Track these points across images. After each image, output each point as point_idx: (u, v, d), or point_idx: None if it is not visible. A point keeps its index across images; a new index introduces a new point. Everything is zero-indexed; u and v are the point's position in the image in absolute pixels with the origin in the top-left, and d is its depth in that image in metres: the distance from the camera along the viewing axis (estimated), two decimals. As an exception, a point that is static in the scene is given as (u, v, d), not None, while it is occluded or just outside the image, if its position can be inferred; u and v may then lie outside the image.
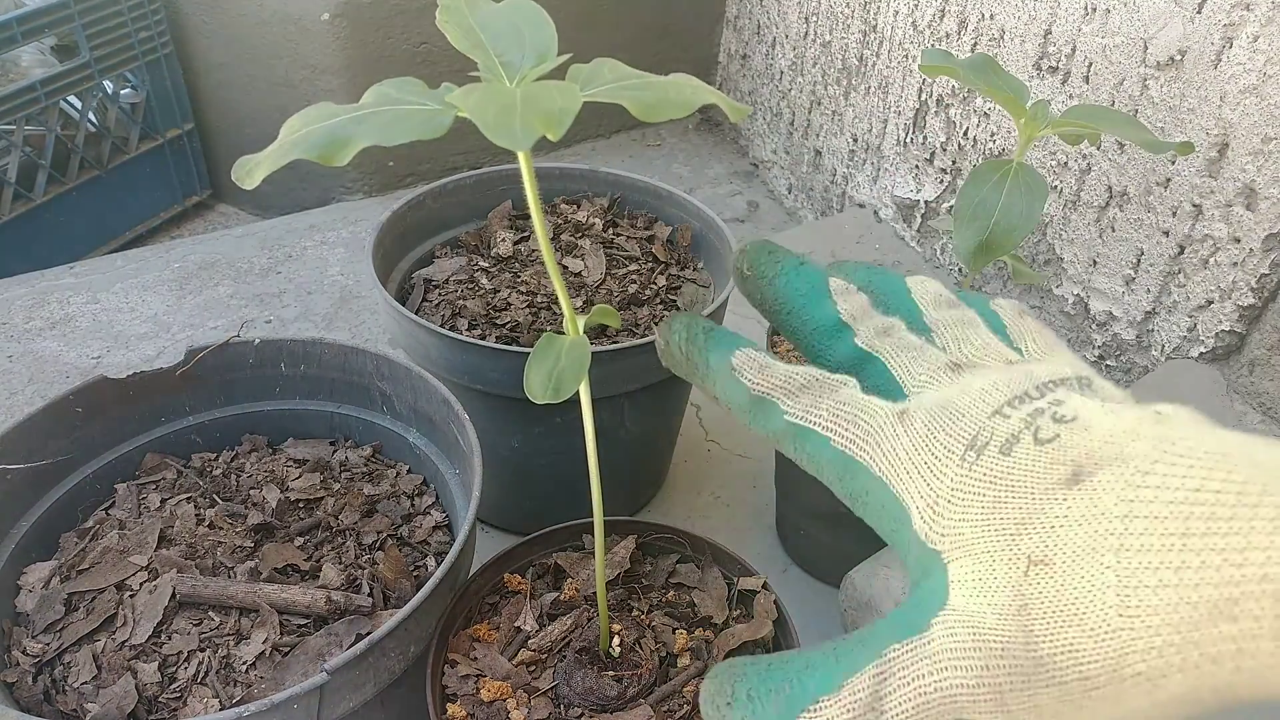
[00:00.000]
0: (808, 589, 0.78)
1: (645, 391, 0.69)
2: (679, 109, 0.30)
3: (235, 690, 0.49)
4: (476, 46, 0.32)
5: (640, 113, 0.30)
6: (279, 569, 0.55)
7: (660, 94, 0.31)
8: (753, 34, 1.44)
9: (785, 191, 1.43)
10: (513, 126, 0.26)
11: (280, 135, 0.29)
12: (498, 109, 0.27)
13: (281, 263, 1.16)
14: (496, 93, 0.29)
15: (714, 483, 0.88)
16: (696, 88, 0.32)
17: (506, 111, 0.27)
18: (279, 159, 0.28)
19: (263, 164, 0.29)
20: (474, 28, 0.33)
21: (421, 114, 0.29)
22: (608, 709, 0.48)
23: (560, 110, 0.27)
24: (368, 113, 0.29)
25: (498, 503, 0.79)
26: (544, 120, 0.27)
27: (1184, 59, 0.78)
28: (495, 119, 0.27)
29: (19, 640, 0.51)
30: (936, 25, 1.05)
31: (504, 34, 0.33)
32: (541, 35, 0.33)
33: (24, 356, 0.98)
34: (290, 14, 1.24)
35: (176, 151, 1.39)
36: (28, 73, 1.22)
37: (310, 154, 0.28)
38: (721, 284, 0.76)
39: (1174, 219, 0.82)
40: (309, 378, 0.66)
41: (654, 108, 0.30)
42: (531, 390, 0.36)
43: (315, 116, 0.30)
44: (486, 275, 0.76)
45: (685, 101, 0.31)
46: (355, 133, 0.28)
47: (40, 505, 0.57)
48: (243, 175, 0.29)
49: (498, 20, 0.33)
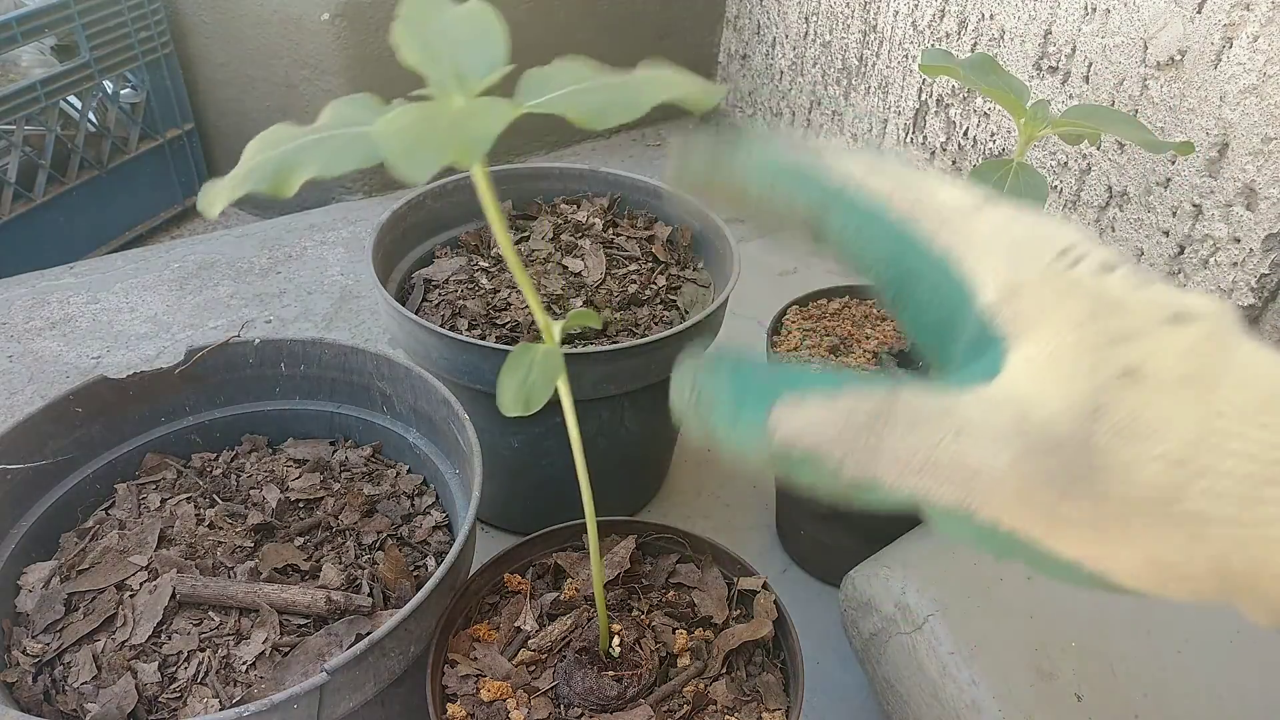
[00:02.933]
0: (808, 589, 0.78)
1: (645, 391, 0.69)
2: (627, 112, 0.28)
3: (235, 690, 0.49)
4: (431, 60, 0.30)
5: (583, 121, 0.28)
6: (279, 569, 0.55)
7: (606, 97, 0.29)
8: (753, 34, 1.44)
9: (785, 191, 1.43)
10: (409, 156, 0.25)
11: (241, 160, 0.28)
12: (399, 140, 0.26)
13: (281, 263, 1.16)
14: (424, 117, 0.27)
15: (714, 483, 0.88)
16: (660, 83, 0.29)
17: (407, 142, 0.26)
18: (235, 191, 0.27)
19: (221, 195, 0.28)
20: (431, 39, 0.31)
21: (362, 143, 0.28)
22: (608, 709, 0.48)
23: (475, 136, 0.25)
24: (316, 139, 0.28)
25: (498, 503, 0.79)
26: (459, 148, 0.25)
27: (1184, 59, 0.78)
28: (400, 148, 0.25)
29: (19, 640, 0.51)
30: (936, 25, 1.05)
31: (464, 42, 0.31)
32: (492, 45, 0.31)
33: (24, 356, 0.98)
34: (290, 14, 1.24)
35: (176, 151, 1.39)
36: (28, 73, 1.22)
37: (261, 187, 0.27)
38: (721, 284, 0.76)
39: (1174, 219, 0.83)
40: (309, 378, 0.66)
41: (598, 114, 0.28)
42: (503, 403, 0.35)
43: (270, 142, 0.28)
44: (486, 275, 0.76)
45: (633, 103, 0.28)
46: (298, 162, 0.27)
47: (40, 505, 0.57)
48: (205, 205, 0.28)
49: (458, 28, 0.31)
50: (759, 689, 0.51)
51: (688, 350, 0.26)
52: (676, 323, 0.73)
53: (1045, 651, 0.54)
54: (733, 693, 0.50)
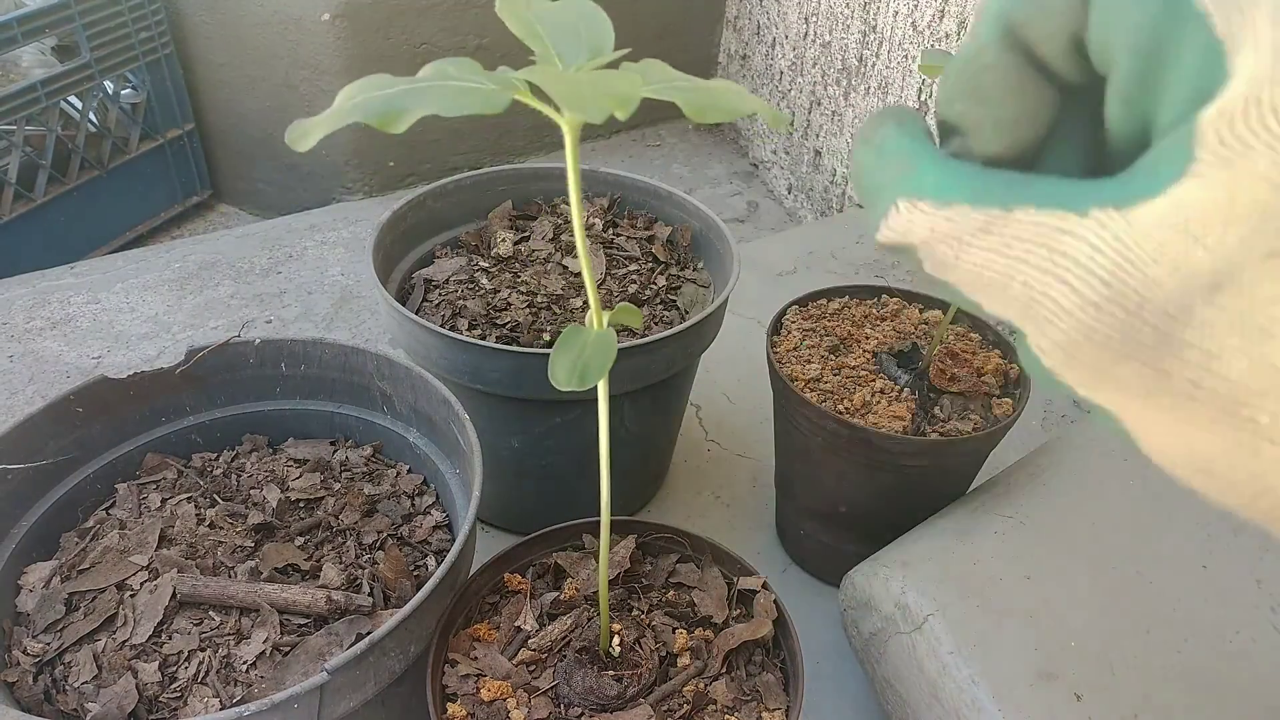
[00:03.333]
0: (808, 589, 0.79)
1: (645, 391, 0.69)
2: (727, 114, 0.32)
3: (235, 690, 0.49)
4: (533, 37, 0.33)
5: (692, 113, 0.31)
6: (279, 569, 0.55)
7: (710, 98, 0.32)
8: (753, 34, 1.44)
9: (785, 192, 1.43)
10: (584, 101, 0.27)
11: (336, 101, 0.30)
12: (569, 86, 0.28)
13: (282, 263, 1.16)
14: (564, 76, 0.31)
15: (714, 483, 0.88)
16: (742, 94, 0.33)
17: (577, 89, 0.28)
18: (336, 121, 0.29)
19: (319, 126, 0.29)
20: (531, 20, 0.34)
21: (481, 92, 0.30)
22: (608, 709, 0.48)
23: (627, 93, 0.28)
24: (430, 85, 0.30)
25: (498, 503, 0.79)
26: (614, 100, 0.28)
27: (1184, 59, 0.78)
28: (570, 94, 0.28)
29: (19, 640, 0.52)
30: (936, 25, 1.05)
31: (560, 28, 0.34)
32: (598, 31, 0.34)
33: (24, 356, 0.98)
34: (290, 14, 1.24)
35: (177, 151, 1.39)
36: (28, 73, 1.22)
37: (369, 119, 0.28)
38: (721, 284, 0.76)
39: (1174, 219, 0.82)
40: (309, 378, 0.66)
41: (705, 110, 0.31)
42: (556, 378, 0.36)
43: (373, 84, 0.30)
44: (487, 275, 0.76)
45: (733, 108, 0.32)
46: (414, 103, 0.29)
47: (41, 505, 0.57)
48: (296, 138, 0.29)
49: (554, 15, 0.34)
50: (759, 689, 0.51)
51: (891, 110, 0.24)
52: (676, 323, 0.73)
53: (1045, 651, 0.54)
54: (733, 692, 0.50)
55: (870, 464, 0.66)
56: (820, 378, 0.69)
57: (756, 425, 0.93)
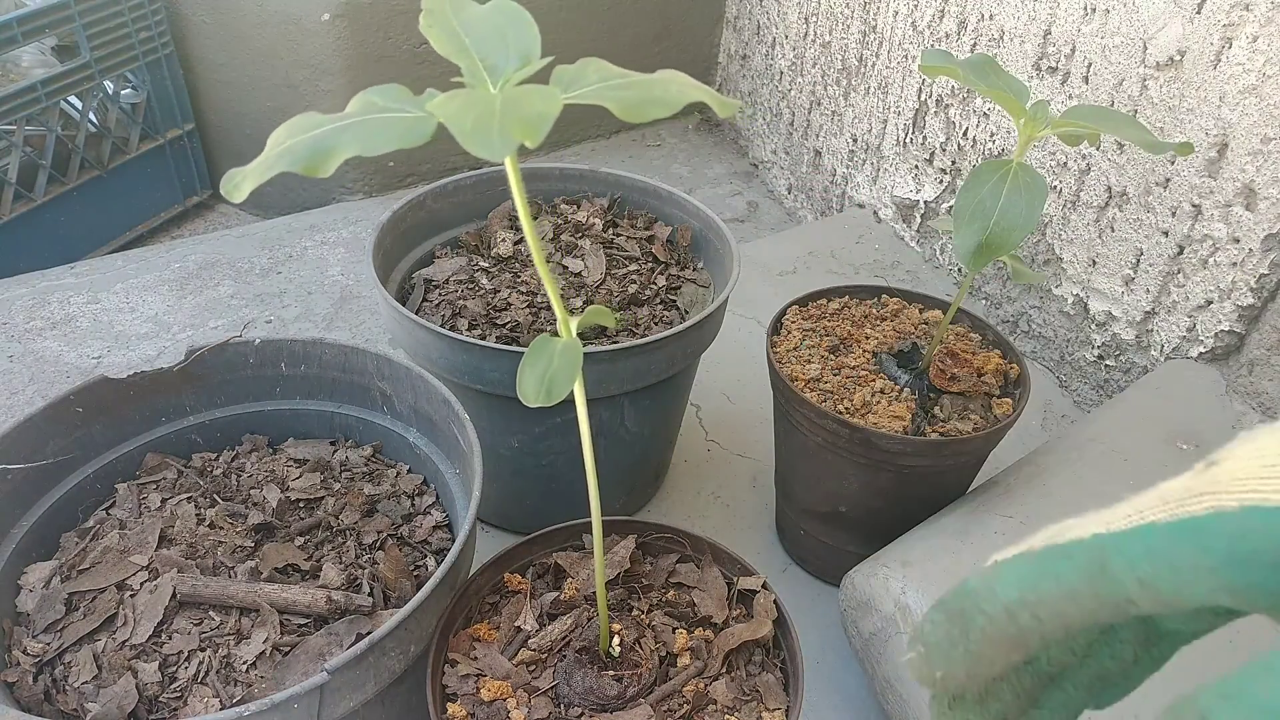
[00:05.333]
0: (808, 589, 0.79)
1: (645, 391, 0.69)
2: (664, 107, 0.30)
3: (236, 690, 0.49)
4: (460, 51, 0.32)
5: (623, 113, 0.29)
6: (279, 569, 0.55)
7: (644, 93, 0.30)
8: (753, 34, 1.44)
9: (785, 191, 1.43)
10: (490, 136, 0.26)
11: (266, 147, 0.29)
12: (476, 116, 0.27)
13: (282, 263, 1.16)
14: (476, 100, 0.29)
15: (714, 483, 0.88)
16: (683, 84, 0.31)
17: (485, 120, 0.27)
18: (265, 172, 0.28)
19: (249, 177, 0.29)
20: (458, 31, 0.32)
21: (404, 122, 0.29)
22: (608, 709, 0.48)
23: (539, 115, 0.27)
24: (351, 122, 0.29)
25: (498, 502, 0.79)
26: (522, 127, 0.26)
27: (1183, 59, 0.78)
28: (473, 128, 0.26)
29: (19, 640, 0.52)
30: (936, 26, 1.05)
31: (488, 36, 0.32)
32: (524, 37, 0.32)
33: (25, 356, 0.98)
34: (290, 14, 1.24)
35: (177, 152, 1.39)
36: (28, 73, 1.22)
37: (295, 167, 0.28)
38: (721, 284, 0.76)
39: (1173, 219, 0.83)
40: (309, 378, 0.66)
41: (638, 107, 0.29)
42: (524, 394, 0.36)
43: (300, 127, 0.29)
44: (486, 275, 0.76)
45: (670, 100, 0.30)
46: (338, 143, 0.28)
47: (41, 505, 0.57)
48: (230, 189, 0.29)
49: (482, 23, 0.33)
50: (759, 688, 0.51)
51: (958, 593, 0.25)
52: (676, 323, 0.73)
53: (1045, 651, 0.54)
54: (733, 692, 0.50)
55: (870, 464, 0.66)
56: (820, 377, 0.69)
57: (756, 425, 0.93)
